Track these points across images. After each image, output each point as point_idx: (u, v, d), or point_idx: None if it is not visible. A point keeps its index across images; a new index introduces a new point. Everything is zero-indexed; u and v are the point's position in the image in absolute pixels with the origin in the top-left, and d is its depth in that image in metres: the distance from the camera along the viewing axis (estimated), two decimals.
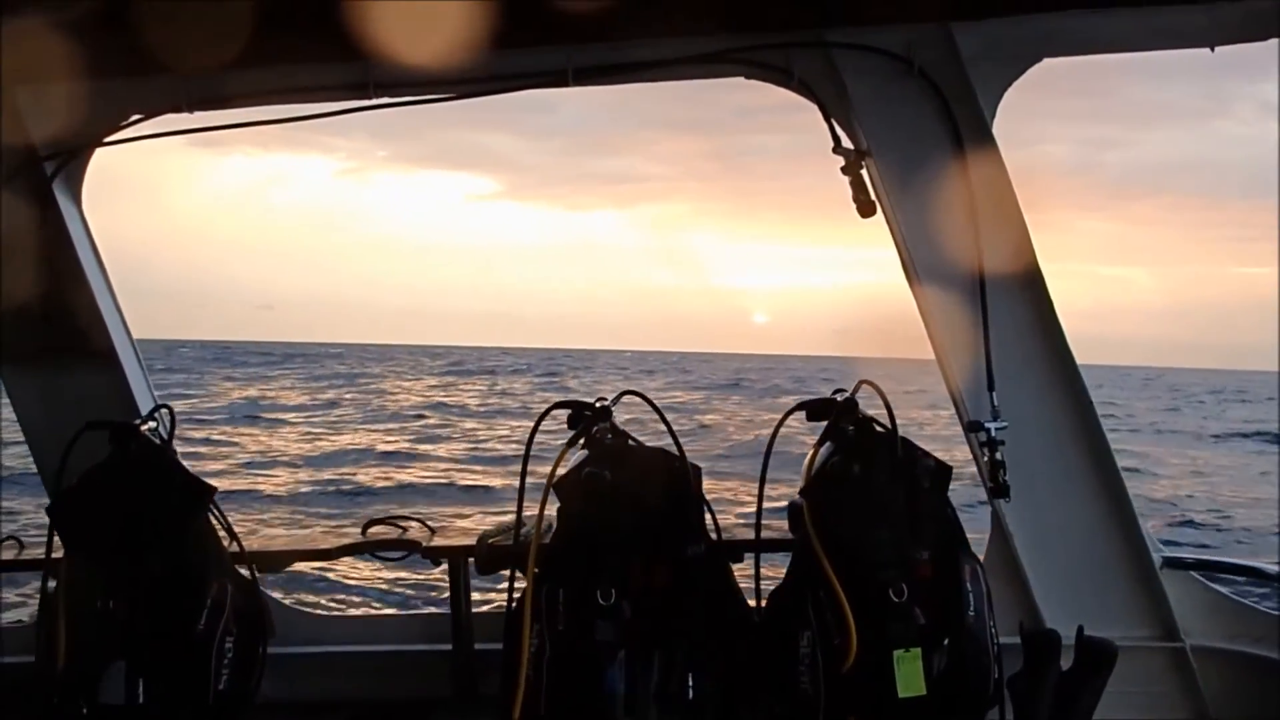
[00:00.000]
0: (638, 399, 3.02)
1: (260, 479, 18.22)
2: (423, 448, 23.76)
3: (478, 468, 20.24)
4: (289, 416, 30.54)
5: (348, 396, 39.59)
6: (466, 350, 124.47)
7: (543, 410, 2.92)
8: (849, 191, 3.04)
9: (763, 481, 2.95)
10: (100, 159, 3.45)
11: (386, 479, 18.69)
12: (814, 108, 3.09)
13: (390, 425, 29.10)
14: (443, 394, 42.76)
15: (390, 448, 23.37)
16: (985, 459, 3.02)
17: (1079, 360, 3.07)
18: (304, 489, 17.36)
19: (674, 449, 2.81)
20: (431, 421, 30.31)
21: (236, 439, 24.11)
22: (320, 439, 25.01)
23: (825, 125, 3.06)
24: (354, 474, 19.08)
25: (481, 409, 35.66)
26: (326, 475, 18.76)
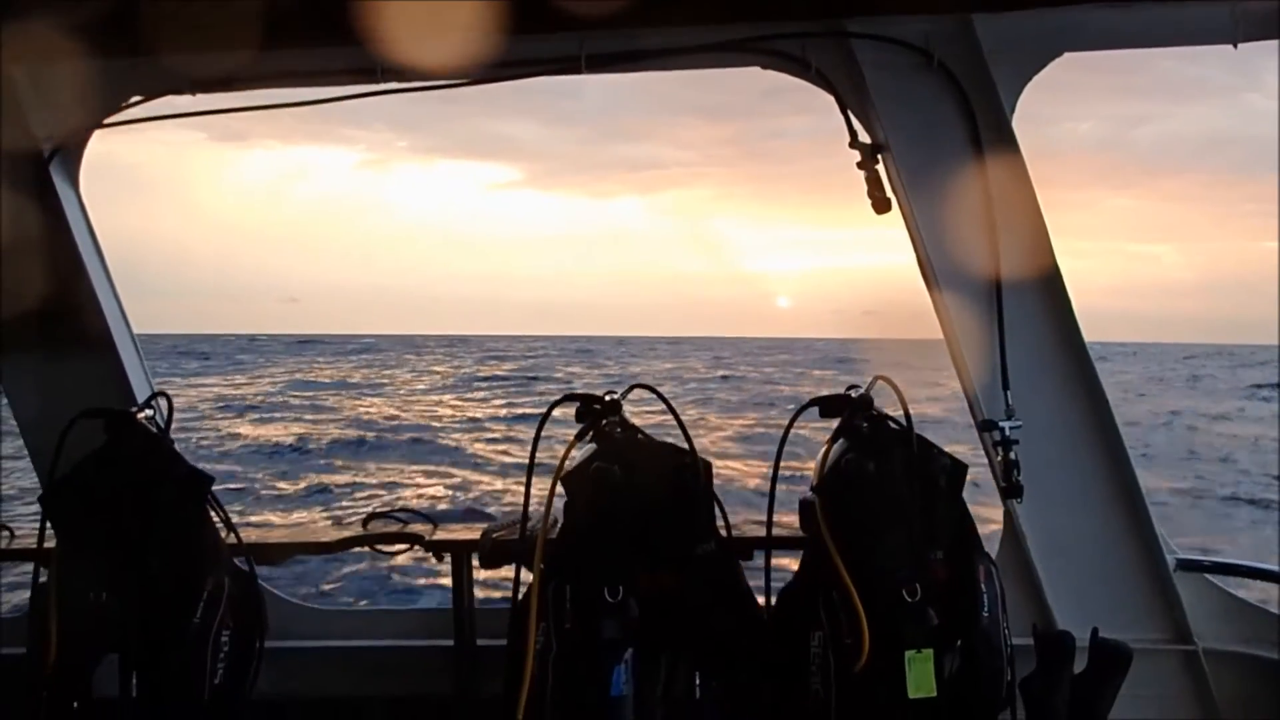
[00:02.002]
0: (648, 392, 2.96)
1: None
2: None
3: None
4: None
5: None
6: (497, 339, 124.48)
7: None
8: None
9: (774, 479, 2.89)
10: (122, 156, 3.41)
11: None
12: None
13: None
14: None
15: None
16: (999, 458, 2.98)
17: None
18: None
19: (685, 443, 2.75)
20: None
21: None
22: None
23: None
24: None
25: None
26: None
